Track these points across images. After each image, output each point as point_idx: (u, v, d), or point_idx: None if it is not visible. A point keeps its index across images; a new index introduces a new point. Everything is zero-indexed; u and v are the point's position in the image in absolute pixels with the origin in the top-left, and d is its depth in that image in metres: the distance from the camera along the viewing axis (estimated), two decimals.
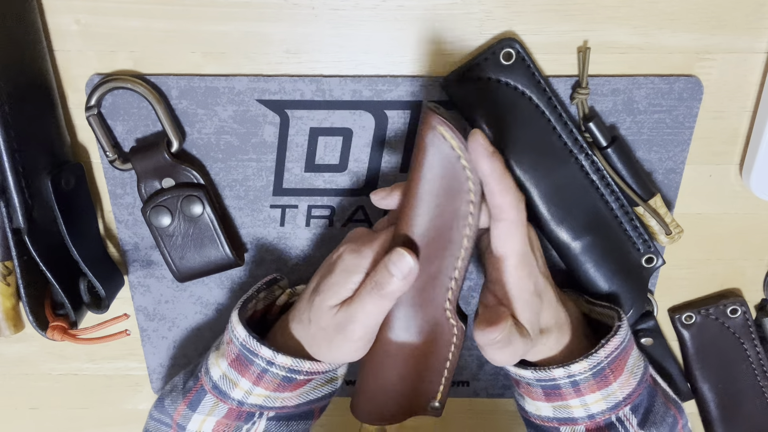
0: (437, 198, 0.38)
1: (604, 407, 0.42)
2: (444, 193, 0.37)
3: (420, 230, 0.38)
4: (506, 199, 0.37)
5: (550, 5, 0.44)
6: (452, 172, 0.37)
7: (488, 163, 0.36)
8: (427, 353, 0.41)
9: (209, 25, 0.44)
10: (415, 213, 0.38)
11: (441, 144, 0.37)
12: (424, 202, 0.38)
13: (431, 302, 0.40)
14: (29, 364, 0.58)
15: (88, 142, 0.49)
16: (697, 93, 0.46)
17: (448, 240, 0.38)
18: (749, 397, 0.54)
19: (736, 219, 0.51)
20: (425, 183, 0.38)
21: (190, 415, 0.45)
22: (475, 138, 0.36)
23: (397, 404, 0.43)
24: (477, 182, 0.37)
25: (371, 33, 0.45)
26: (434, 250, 0.38)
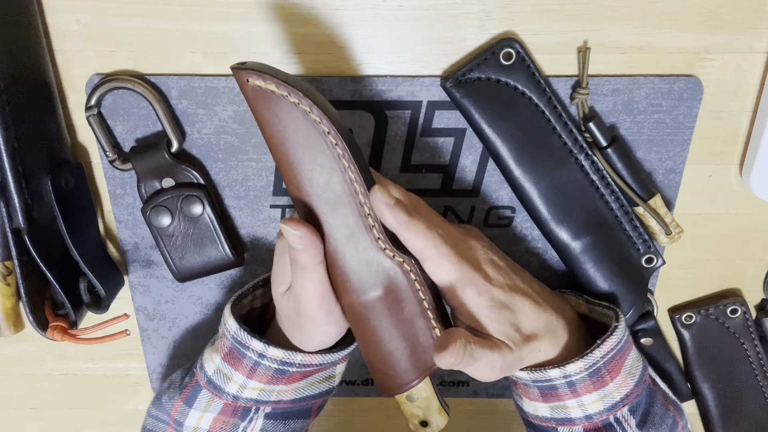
0: (298, 152, 0.37)
1: (601, 408, 0.42)
2: (302, 142, 0.37)
3: (305, 190, 0.38)
4: (419, 243, 0.38)
5: (550, 5, 0.44)
6: (292, 117, 0.37)
7: (391, 215, 0.37)
8: (397, 300, 0.40)
9: (209, 25, 0.44)
10: (288, 178, 0.38)
11: (264, 95, 0.36)
12: (288, 162, 0.38)
13: (366, 248, 0.39)
14: (29, 364, 0.58)
15: (88, 142, 0.49)
16: (697, 93, 0.46)
17: (335, 187, 0.38)
18: (749, 397, 0.54)
19: (736, 219, 0.51)
20: (276, 141, 0.37)
21: (187, 411, 0.45)
22: (373, 194, 0.37)
23: (405, 364, 0.41)
24: (323, 116, 0.36)
25: (371, 33, 0.45)
26: (330, 201, 0.38)
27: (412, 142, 0.48)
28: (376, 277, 0.39)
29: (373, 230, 0.39)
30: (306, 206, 0.38)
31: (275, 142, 0.38)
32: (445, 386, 0.57)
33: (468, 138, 0.48)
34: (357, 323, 0.41)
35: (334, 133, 0.37)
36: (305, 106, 0.36)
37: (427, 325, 0.41)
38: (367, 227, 0.38)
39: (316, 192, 0.38)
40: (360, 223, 0.38)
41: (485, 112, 0.45)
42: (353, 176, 0.38)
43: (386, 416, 0.60)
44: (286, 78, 0.37)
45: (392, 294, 0.40)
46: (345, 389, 0.58)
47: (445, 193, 0.50)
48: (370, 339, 0.41)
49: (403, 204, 0.38)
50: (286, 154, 0.38)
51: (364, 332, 0.41)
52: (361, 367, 0.57)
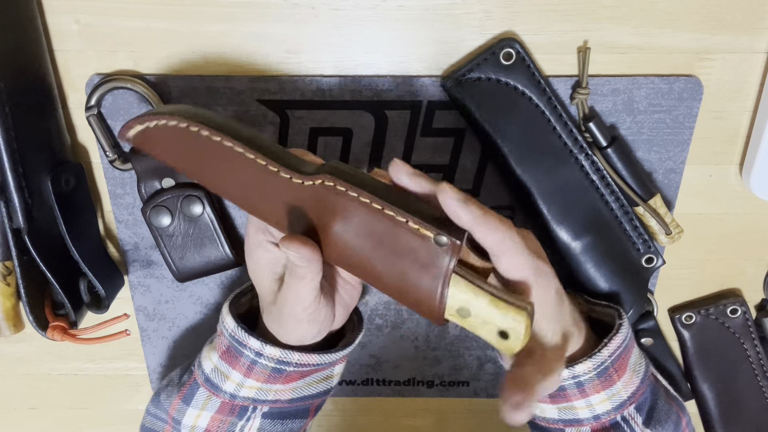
0: (203, 164, 0.38)
1: (609, 407, 0.42)
2: (203, 158, 0.38)
3: (236, 193, 0.38)
4: (497, 236, 0.35)
5: (550, 5, 0.44)
6: (188, 139, 0.38)
7: (465, 213, 0.34)
8: (350, 221, 0.36)
9: (209, 25, 0.44)
10: (225, 195, 0.39)
11: (152, 134, 0.38)
12: (208, 175, 0.39)
13: (281, 191, 0.37)
14: (29, 364, 0.58)
15: (88, 142, 0.49)
16: (697, 93, 0.46)
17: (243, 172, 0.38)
18: (749, 397, 0.54)
19: (736, 219, 0.51)
20: (184, 163, 0.39)
21: (185, 410, 0.45)
22: (443, 192, 0.34)
23: (423, 277, 0.35)
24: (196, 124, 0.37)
25: (371, 33, 0.45)
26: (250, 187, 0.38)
27: (412, 142, 0.48)
28: (317, 212, 0.36)
29: (279, 173, 0.37)
30: (238, 200, 0.39)
31: (185, 170, 0.39)
32: (444, 386, 0.57)
33: (468, 138, 0.48)
34: (350, 267, 0.37)
35: (214, 132, 0.37)
36: (173, 121, 0.37)
37: (407, 229, 0.35)
38: (270, 173, 0.37)
39: (240, 184, 0.38)
40: (265, 173, 0.37)
41: (485, 112, 0.45)
42: (251, 155, 0.37)
43: (386, 416, 0.60)
44: (149, 112, 0.38)
45: (346, 221, 0.36)
46: (345, 389, 0.58)
47: None
48: (375, 277, 0.36)
49: (471, 198, 0.35)
50: (198, 175, 0.39)
51: (364, 273, 0.37)
52: (362, 367, 0.57)
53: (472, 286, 0.35)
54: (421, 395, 0.58)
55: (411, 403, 0.59)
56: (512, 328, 0.34)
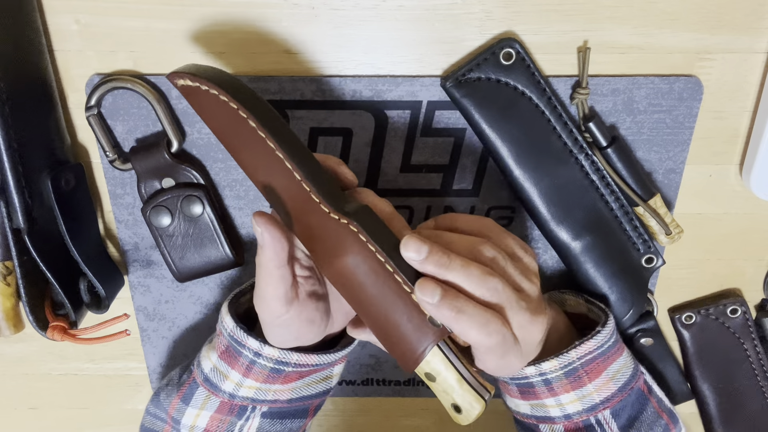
0: (233, 143, 0.39)
1: (580, 408, 0.43)
2: (232, 133, 0.38)
3: (254, 179, 0.39)
4: (471, 335, 0.35)
5: (550, 5, 0.44)
6: (227, 115, 0.38)
7: (439, 314, 0.34)
8: (365, 264, 0.36)
9: (209, 25, 0.44)
10: (244, 170, 0.40)
11: (192, 92, 0.38)
12: (234, 156, 0.39)
13: (317, 214, 0.37)
14: (29, 364, 0.58)
15: (88, 142, 0.49)
16: (697, 93, 0.46)
17: (278, 181, 0.38)
18: (749, 397, 0.54)
19: (736, 219, 0.51)
20: (217, 135, 0.39)
21: (184, 409, 0.45)
22: (416, 292, 0.35)
23: (407, 338, 0.37)
24: (241, 108, 0.38)
25: (371, 33, 0.45)
26: (275, 191, 0.38)
27: (412, 142, 0.48)
28: (336, 240, 0.37)
29: (312, 197, 0.37)
30: (263, 191, 0.39)
31: (218, 136, 0.39)
32: None
33: (468, 138, 0.48)
34: (346, 295, 0.38)
35: (257, 123, 0.37)
36: (224, 97, 0.37)
37: (409, 299, 0.36)
38: (309, 199, 0.37)
39: (268, 182, 0.38)
40: (306, 197, 0.37)
41: (485, 112, 0.45)
42: (289, 165, 0.37)
43: (386, 416, 0.60)
44: (207, 73, 0.38)
45: (359, 262, 0.37)
46: (345, 389, 0.58)
47: (445, 193, 0.50)
48: (365, 314, 0.38)
49: (445, 291, 0.34)
50: (228, 148, 0.39)
51: (356, 306, 0.38)
52: (362, 367, 0.57)
53: (446, 362, 0.37)
54: (421, 395, 0.58)
55: (411, 403, 0.59)
56: (466, 410, 0.37)
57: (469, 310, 0.35)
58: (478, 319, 0.34)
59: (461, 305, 0.34)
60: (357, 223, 0.36)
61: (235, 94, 0.37)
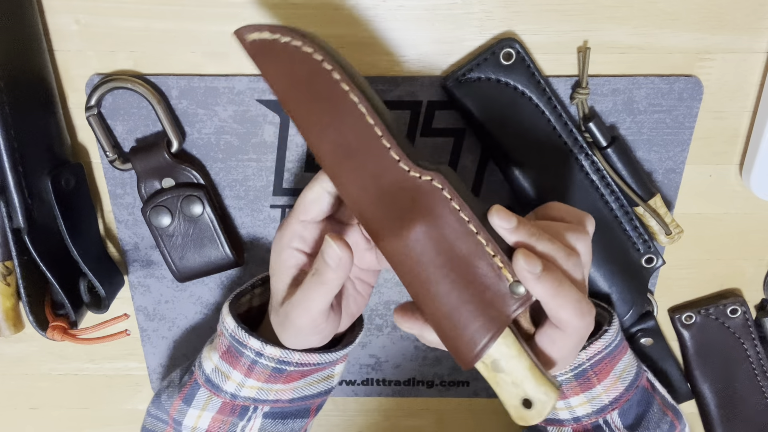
0: (308, 103, 0.35)
1: (589, 410, 0.42)
2: (301, 81, 0.34)
3: (328, 148, 0.35)
4: (565, 314, 0.33)
5: (550, 5, 0.44)
6: (307, 69, 0.34)
7: (539, 287, 0.32)
8: (442, 235, 0.33)
9: (209, 25, 0.44)
10: (306, 128, 0.35)
11: (268, 48, 0.34)
12: (306, 117, 0.35)
13: (389, 173, 0.34)
14: (29, 364, 0.58)
15: (88, 142, 0.49)
16: (697, 93, 0.46)
17: (355, 135, 0.34)
18: (749, 397, 0.54)
19: (736, 219, 0.51)
20: (288, 93, 0.35)
21: (186, 410, 0.45)
22: (518, 261, 0.32)
23: (475, 320, 0.33)
24: (338, 69, 0.34)
25: (371, 33, 0.45)
26: (351, 150, 0.35)
27: (412, 142, 0.48)
28: (411, 202, 0.34)
29: (391, 154, 0.34)
30: (326, 156, 0.35)
31: (283, 97, 0.35)
32: (444, 386, 0.57)
33: (468, 138, 0.48)
34: (405, 274, 0.34)
35: (353, 87, 0.34)
36: (320, 57, 0.34)
37: (489, 263, 0.33)
38: (391, 160, 0.34)
39: (338, 141, 0.35)
40: (383, 154, 0.34)
41: (485, 112, 0.45)
42: (371, 119, 0.34)
43: (386, 416, 0.60)
44: (285, 27, 0.34)
45: (434, 227, 0.33)
46: (345, 389, 0.58)
47: None
48: (425, 295, 0.34)
49: (549, 266, 0.32)
50: (295, 108, 0.35)
51: (416, 285, 0.34)
52: (362, 367, 0.57)
53: (518, 345, 0.33)
54: (421, 395, 0.58)
55: (411, 403, 0.59)
56: (540, 401, 0.33)
57: (567, 285, 0.32)
58: (575, 296, 0.32)
59: (561, 278, 0.32)
60: (443, 176, 0.33)
61: (321, 45, 0.34)
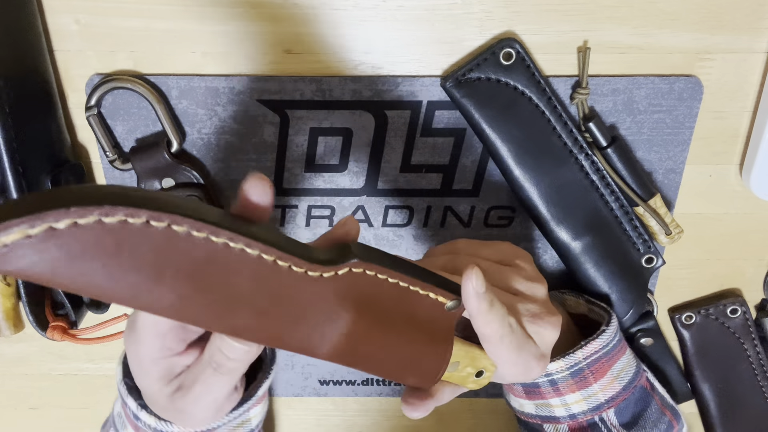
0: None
1: (585, 408, 0.43)
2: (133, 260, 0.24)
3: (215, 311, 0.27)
4: (488, 329, 0.34)
5: (550, 5, 0.44)
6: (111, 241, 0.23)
7: (475, 304, 0.33)
8: (375, 307, 0.31)
9: (209, 25, 0.44)
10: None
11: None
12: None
13: (303, 293, 0.28)
14: (29, 364, 0.58)
15: (88, 142, 0.49)
16: (697, 93, 0.46)
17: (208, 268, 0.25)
18: (749, 397, 0.54)
19: (736, 219, 0.51)
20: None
21: None
22: (468, 278, 0.32)
23: (430, 345, 0.34)
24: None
25: (371, 33, 0.45)
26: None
27: (412, 142, 0.48)
28: (333, 309, 0.30)
29: (279, 264, 0.27)
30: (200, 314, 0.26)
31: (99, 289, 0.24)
32: None
33: (468, 138, 0.48)
34: (357, 363, 0.33)
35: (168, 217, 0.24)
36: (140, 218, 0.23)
37: (428, 302, 0.33)
38: (278, 271, 0.27)
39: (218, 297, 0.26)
40: (271, 272, 0.27)
41: (485, 112, 0.45)
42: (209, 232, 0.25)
43: (386, 416, 0.60)
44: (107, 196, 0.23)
45: (367, 307, 0.31)
46: (345, 389, 0.58)
47: (445, 193, 0.50)
48: (382, 361, 0.33)
49: (488, 294, 0.33)
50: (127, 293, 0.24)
51: (372, 366, 0.33)
52: None
53: (461, 344, 0.36)
54: None
55: None
56: (486, 367, 0.37)
57: (497, 305, 0.34)
58: (499, 315, 0.34)
59: (493, 299, 0.34)
60: (359, 260, 0.29)
61: (144, 203, 0.23)
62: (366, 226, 0.51)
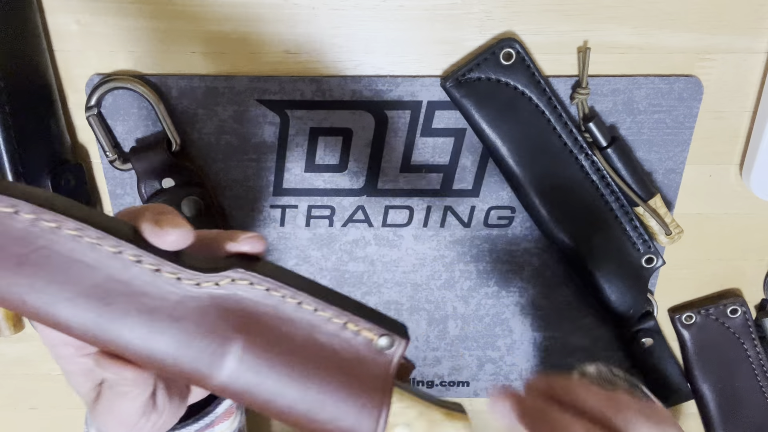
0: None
1: None
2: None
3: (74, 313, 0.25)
4: None
5: (550, 5, 0.44)
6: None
7: None
8: (267, 329, 0.26)
9: (209, 25, 0.44)
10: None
11: None
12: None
13: (178, 306, 0.25)
14: (29, 364, 0.58)
15: (88, 142, 0.49)
16: (697, 93, 0.46)
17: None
18: (749, 397, 0.54)
19: (736, 219, 0.51)
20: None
21: None
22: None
23: (358, 395, 0.27)
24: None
25: (371, 33, 0.45)
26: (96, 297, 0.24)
27: (412, 142, 0.48)
28: (217, 328, 0.25)
29: (162, 274, 0.25)
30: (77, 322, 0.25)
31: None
32: (444, 386, 0.57)
33: (468, 138, 0.48)
34: (263, 407, 0.27)
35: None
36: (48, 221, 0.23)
37: (345, 336, 0.27)
38: (154, 279, 0.25)
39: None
40: (141, 283, 0.25)
41: (485, 112, 0.45)
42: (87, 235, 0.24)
43: None
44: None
45: (260, 332, 0.26)
46: None
47: (445, 193, 0.50)
48: (292, 416, 0.27)
49: None
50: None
51: (280, 415, 0.27)
52: None
53: (416, 398, 0.28)
54: None
55: None
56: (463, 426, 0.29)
57: None
58: None
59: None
60: (245, 270, 0.26)
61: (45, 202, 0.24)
62: (366, 226, 0.51)
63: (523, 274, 0.52)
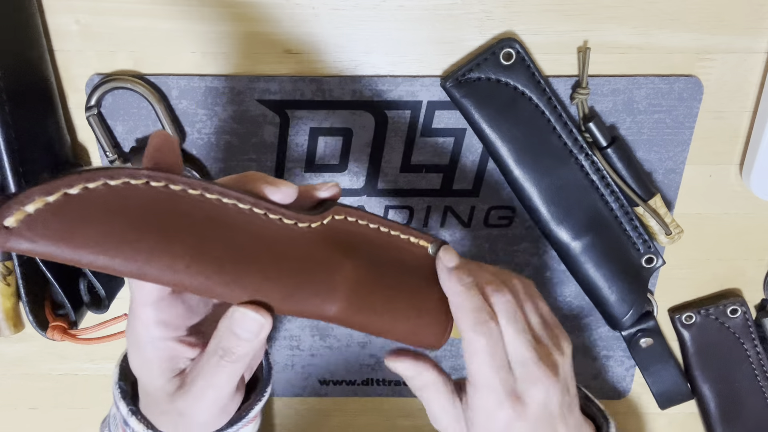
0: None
1: None
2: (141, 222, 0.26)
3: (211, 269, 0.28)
4: (461, 316, 0.34)
5: (550, 5, 0.44)
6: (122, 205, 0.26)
7: (449, 279, 0.34)
8: (365, 251, 0.33)
9: (209, 25, 0.44)
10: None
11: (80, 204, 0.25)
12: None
13: (296, 242, 0.30)
14: (29, 364, 0.58)
15: (88, 142, 0.49)
16: (697, 93, 0.46)
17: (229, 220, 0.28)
18: (749, 397, 0.54)
19: (736, 219, 0.51)
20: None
21: None
22: (447, 249, 0.35)
23: (431, 292, 0.35)
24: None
25: (371, 33, 0.45)
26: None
27: (412, 142, 0.48)
28: (329, 257, 0.31)
29: (270, 217, 0.29)
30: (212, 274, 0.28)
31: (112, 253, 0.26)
32: None
33: (468, 138, 0.48)
34: (366, 322, 0.33)
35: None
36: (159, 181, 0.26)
37: (416, 249, 0.35)
38: (270, 225, 0.29)
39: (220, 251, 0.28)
40: (260, 224, 0.29)
41: (485, 112, 0.45)
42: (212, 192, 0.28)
43: (386, 416, 0.60)
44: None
45: (358, 252, 0.33)
46: (345, 389, 0.58)
47: (445, 193, 0.50)
48: (389, 322, 0.34)
49: (463, 267, 0.35)
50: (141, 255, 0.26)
51: (378, 325, 0.34)
52: (362, 367, 0.57)
53: None
54: None
55: (411, 403, 0.59)
56: None
57: (473, 292, 0.34)
58: (473, 305, 0.34)
59: (470, 281, 0.34)
60: (336, 208, 0.32)
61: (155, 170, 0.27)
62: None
63: (523, 274, 0.52)
